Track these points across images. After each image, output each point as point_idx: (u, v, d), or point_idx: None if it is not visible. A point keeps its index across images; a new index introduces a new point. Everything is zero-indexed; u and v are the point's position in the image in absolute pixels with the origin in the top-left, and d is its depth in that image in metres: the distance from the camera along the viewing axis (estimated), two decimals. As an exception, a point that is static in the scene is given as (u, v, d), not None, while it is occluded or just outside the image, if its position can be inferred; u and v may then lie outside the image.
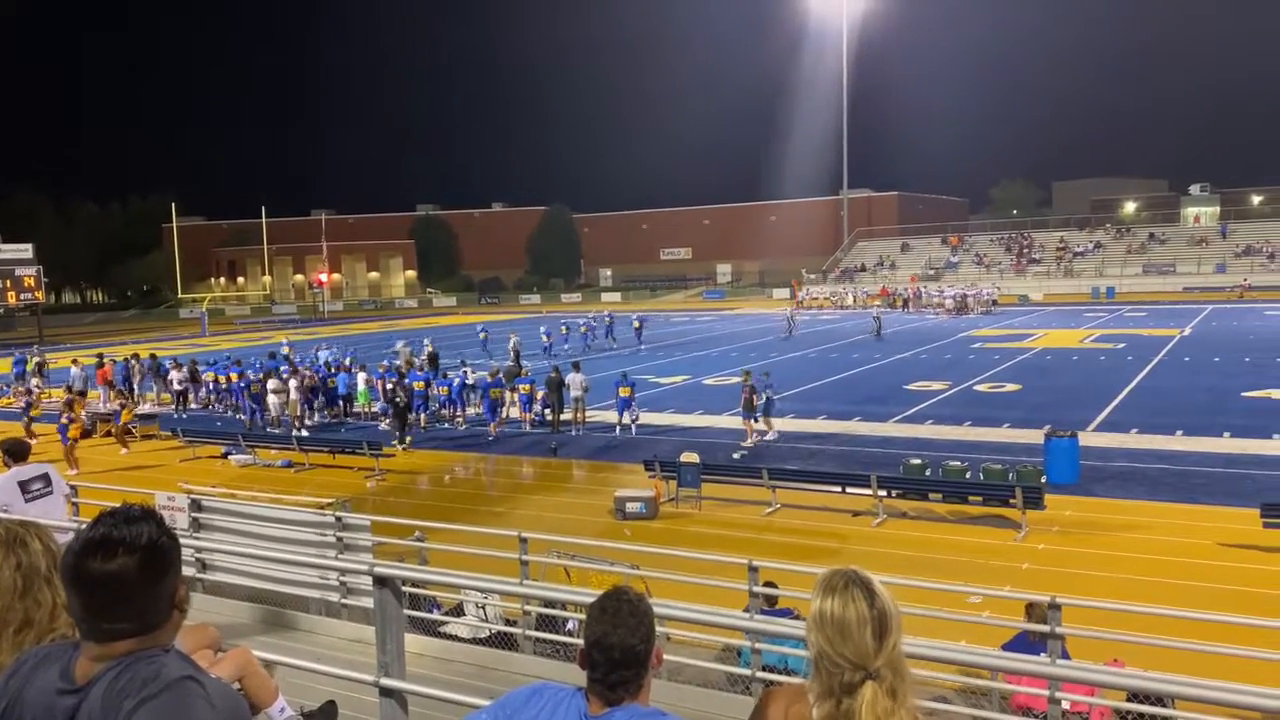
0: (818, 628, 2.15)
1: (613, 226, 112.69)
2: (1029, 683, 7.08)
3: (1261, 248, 67.66)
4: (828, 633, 2.13)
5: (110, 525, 2.06)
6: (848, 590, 2.15)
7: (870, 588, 2.16)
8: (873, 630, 2.11)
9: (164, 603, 2.10)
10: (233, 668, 4.03)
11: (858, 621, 2.11)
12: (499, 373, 25.49)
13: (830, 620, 2.13)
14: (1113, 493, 16.16)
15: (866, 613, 2.12)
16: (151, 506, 2.19)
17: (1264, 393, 24.58)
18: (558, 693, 2.43)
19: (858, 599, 2.14)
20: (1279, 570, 12.37)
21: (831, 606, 2.14)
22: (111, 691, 1.98)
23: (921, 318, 53.99)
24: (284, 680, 5.22)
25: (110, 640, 2.04)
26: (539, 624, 9.08)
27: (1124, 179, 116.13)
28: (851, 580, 2.18)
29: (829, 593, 2.17)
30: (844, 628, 2.11)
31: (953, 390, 27.10)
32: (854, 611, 2.12)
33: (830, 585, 2.18)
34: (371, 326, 63.92)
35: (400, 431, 22.59)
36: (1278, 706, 3.65)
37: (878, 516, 15.30)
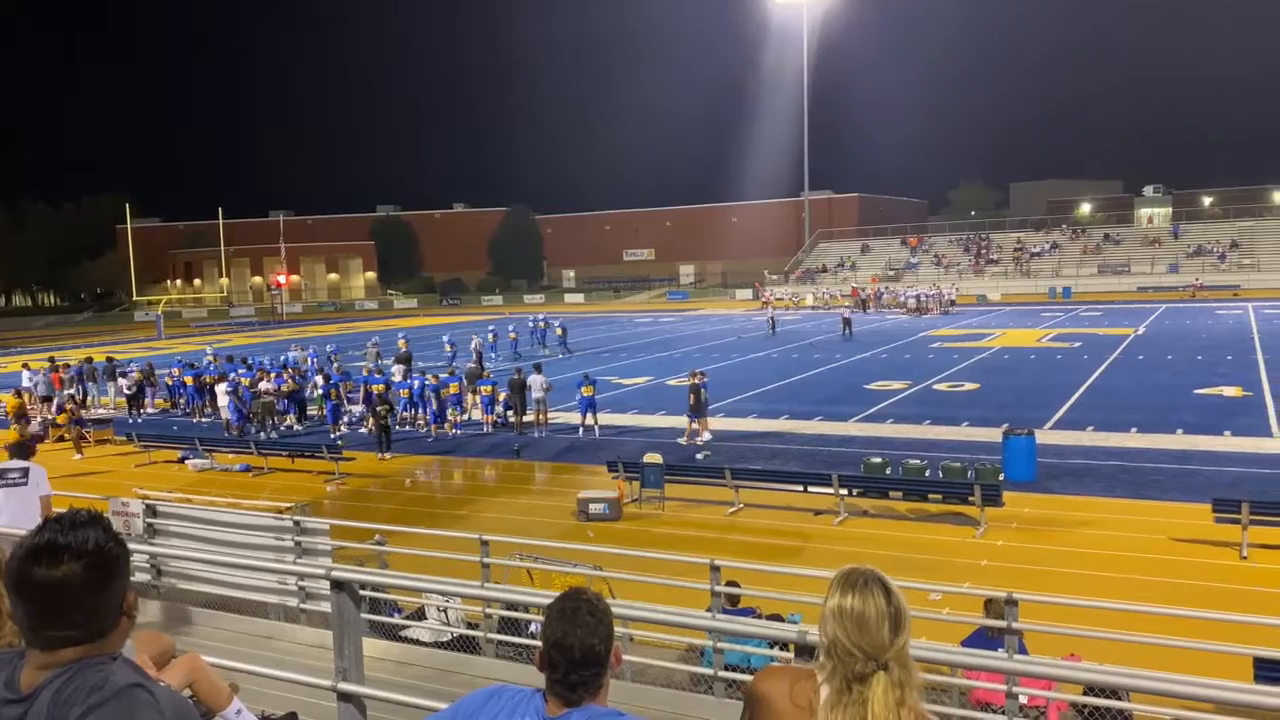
0: (836, 620, 2.26)
1: (575, 227, 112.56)
2: (988, 678, 7.15)
3: (1212, 248, 69.04)
4: (846, 625, 2.24)
5: (56, 531, 2.01)
6: (868, 587, 2.27)
7: (887, 586, 2.29)
8: (890, 625, 2.23)
9: (112, 610, 2.06)
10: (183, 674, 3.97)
11: (877, 616, 2.23)
12: (455, 372, 25.42)
13: (850, 614, 2.24)
14: (1069, 489, 16.40)
15: (885, 608, 2.24)
16: (99, 511, 2.15)
17: (1215, 390, 25.06)
18: (516, 694, 2.42)
19: (876, 595, 2.26)
20: (1230, 564, 12.63)
21: (852, 602, 2.25)
22: (57, 700, 1.94)
23: (882, 318, 54.47)
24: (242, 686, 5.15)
25: (56, 648, 1.99)
26: (501, 627, 9.04)
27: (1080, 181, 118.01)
28: (871, 578, 2.30)
29: (849, 589, 2.28)
30: (863, 622, 2.23)
31: (913, 389, 27.36)
32: (873, 607, 2.24)
33: (850, 582, 2.30)
34: (331, 329, 63.32)
35: (382, 441, 21.88)
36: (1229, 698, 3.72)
37: (839, 515, 15.40)
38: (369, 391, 24.65)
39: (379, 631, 9.21)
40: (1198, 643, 7.89)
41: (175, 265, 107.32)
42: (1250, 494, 14.23)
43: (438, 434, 23.63)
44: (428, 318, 72.92)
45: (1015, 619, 6.86)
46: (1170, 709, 7.70)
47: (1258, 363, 29.60)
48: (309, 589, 8.46)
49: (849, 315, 45.93)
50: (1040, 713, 7.48)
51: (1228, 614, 9.65)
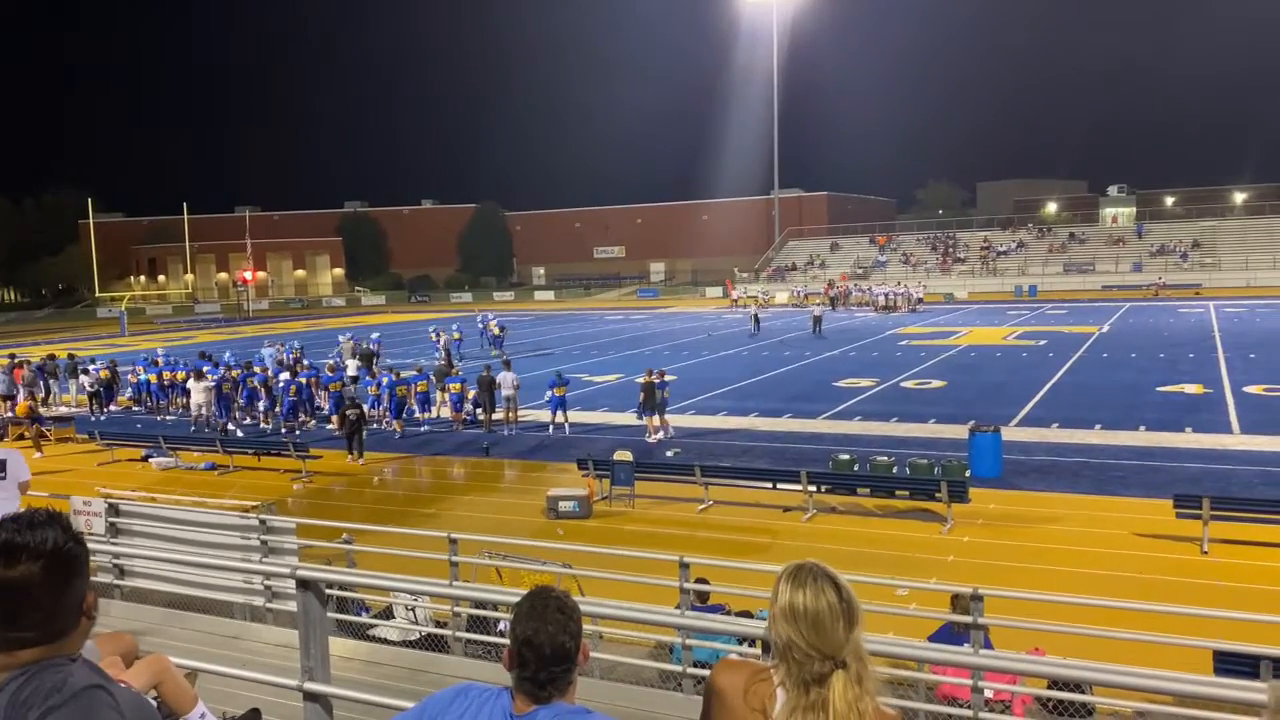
0: (789, 620, 2.19)
1: (545, 224, 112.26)
2: (953, 673, 7.22)
3: (1175, 247, 70.07)
4: (801, 627, 2.17)
5: (13, 530, 1.98)
6: (817, 583, 2.20)
7: (836, 580, 2.22)
8: (844, 622, 2.17)
9: (71, 610, 2.02)
10: (147, 675, 3.91)
11: (830, 614, 2.16)
12: (420, 370, 25.33)
13: (804, 613, 2.17)
14: (1035, 486, 16.58)
15: (837, 605, 2.17)
16: (58, 511, 2.12)
17: (1177, 387, 25.44)
18: (483, 693, 2.41)
19: (827, 591, 2.18)
20: (1191, 559, 12.83)
21: (804, 600, 2.18)
22: (15, 702, 1.91)
23: (851, 315, 54.79)
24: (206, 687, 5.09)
25: (14, 649, 1.96)
26: (470, 625, 9.01)
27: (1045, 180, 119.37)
28: (818, 573, 2.22)
29: (799, 586, 2.21)
30: (817, 620, 2.16)
31: (880, 387, 27.55)
32: (825, 603, 2.17)
33: (799, 579, 2.22)
34: (298, 325, 62.78)
35: (353, 444, 21.06)
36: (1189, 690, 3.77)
37: (808, 511, 15.48)
38: (332, 391, 24.48)
39: (347, 631, 9.15)
40: (1159, 636, 8.02)
41: (139, 261, 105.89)
42: (1211, 490, 14.48)
43: (402, 430, 23.54)
44: (396, 315, 72.47)
45: (981, 614, 6.93)
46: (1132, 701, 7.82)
47: (1218, 360, 30.08)
48: (275, 588, 8.39)
49: (819, 313, 46.19)
50: (1005, 706, 7.56)
51: (1189, 608, 9.80)
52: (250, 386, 25.70)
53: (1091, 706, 7.51)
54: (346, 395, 22.52)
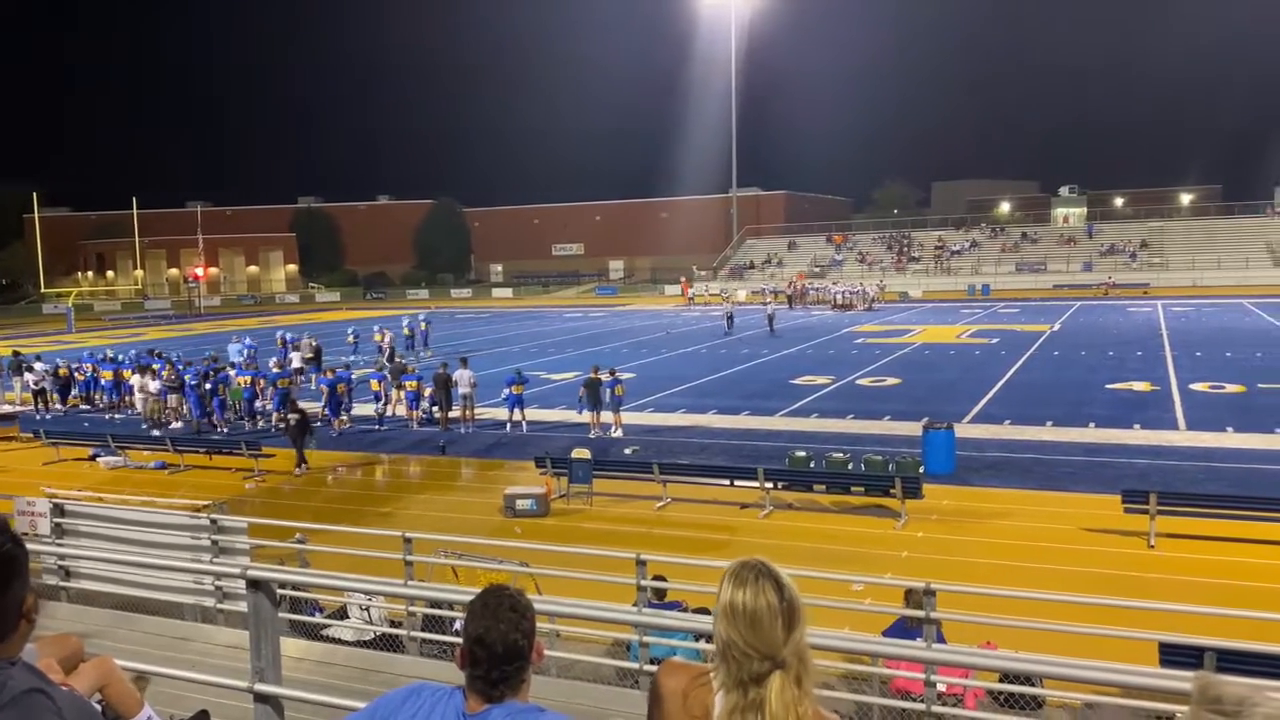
0: (728, 619, 2.15)
1: (503, 221, 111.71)
2: (907, 667, 7.30)
3: (1124, 247, 71.39)
4: (739, 626, 2.13)
5: (-51, 532, 1.93)
6: (758, 582, 2.16)
7: (779, 579, 2.18)
8: (783, 622, 2.13)
9: (10, 613, 1.98)
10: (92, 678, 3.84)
11: (769, 613, 2.12)
12: (347, 367, 25.19)
13: (742, 612, 2.13)
14: (987, 482, 16.81)
15: (777, 604, 2.13)
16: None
17: (1126, 385, 25.93)
18: (435, 692, 2.39)
19: (768, 590, 2.15)
20: (1139, 553, 13.08)
21: (743, 598, 2.14)
22: (-49, 707, 1.86)
23: (808, 314, 55.16)
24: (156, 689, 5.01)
25: (-50, 653, 1.91)
26: (425, 625, 8.94)
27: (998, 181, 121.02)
28: (761, 572, 2.18)
29: (740, 585, 2.17)
30: (756, 619, 2.12)
31: (837, 384, 27.77)
32: (765, 602, 2.13)
33: (740, 577, 2.18)
34: (251, 323, 61.87)
35: (299, 451, 19.97)
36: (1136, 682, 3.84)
37: (765, 508, 15.56)
38: (278, 389, 24.16)
39: (300, 631, 9.05)
40: (1107, 629, 8.16)
41: (86, 256, 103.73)
42: (1158, 485, 14.77)
43: (340, 428, 23.34)
44: (351, 311, 71.70)
45: (933, 609, 7.01)
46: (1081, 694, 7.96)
47: (1165, 358, 30.70)
48: (226, 589, 8.27)
49: (772, 311, 46.51)
50: (958, 700, 7.66)
51: (1136, 601, 10.00)
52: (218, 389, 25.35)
53: (1041, 699, 7.64)
54: (294, 406, 21.82)
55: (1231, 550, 12.89)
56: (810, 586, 10.05)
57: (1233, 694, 1.31)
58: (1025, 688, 7.29)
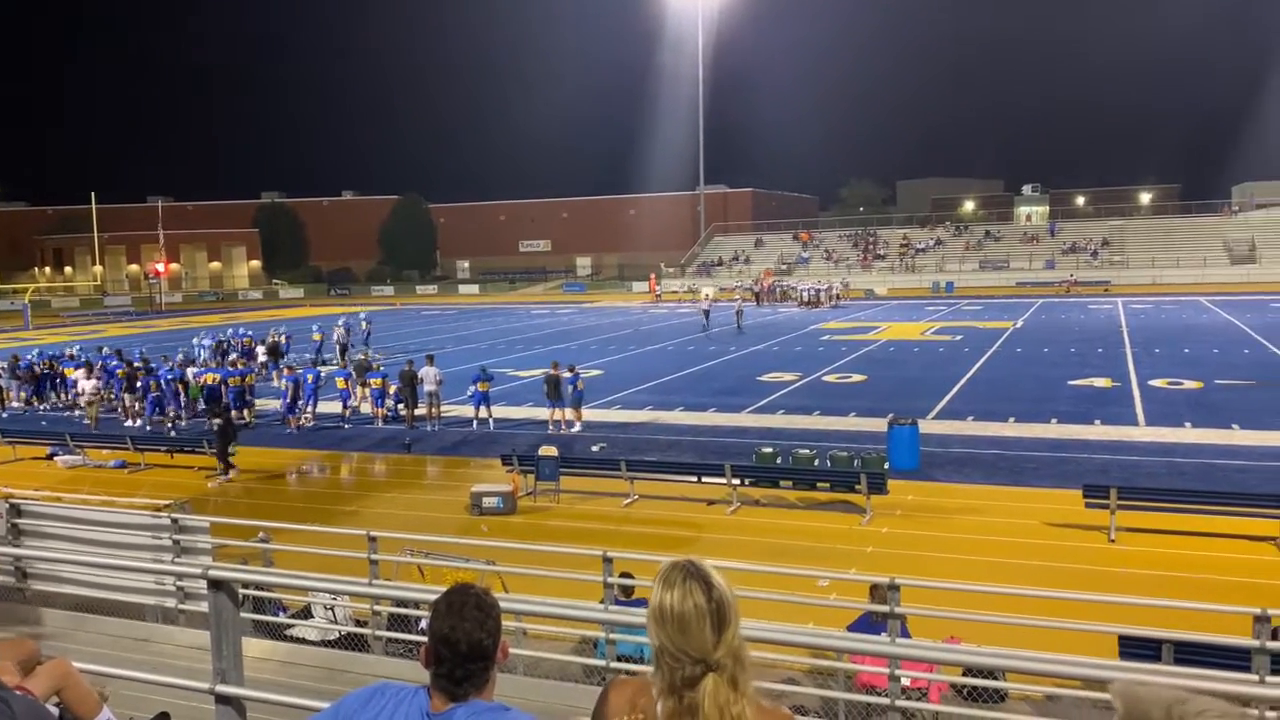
0: (658, 623, 2.12)
1: (469, 217, 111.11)
2: (872, 662, 7.35)
3: (1086, 245, 72.36)
4: (668, 629, 2.10)
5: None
6: (685, 584, 2.12)
7: (708, 579, 2.13)
8: (711, 623, 2.09)
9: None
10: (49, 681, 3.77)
11: (696, 615, 2.09)
12: (316, 364, 25.02)
13: (670, 615, 2.10)
14: (951, 477, 16.98)
15: (705, 605, 2.09)
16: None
17: (1087, 381, 26.27)
18: (399, 691, 2.37)
19: (695, 592, 2.11)
20: (1099, 547, 13.27)
21: (671, 600, 2.11)
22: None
23: (775, 311, 55.39)
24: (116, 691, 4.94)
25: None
26: (391, 624, 8.88)
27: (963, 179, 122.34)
28: (689, 573, 2.14)
29: (667, 587, 2.14)
30: (683, 622, 2.09)
31: (803, 381, 27.91)
32: (692, 605, 2.09)
33: (668, 580, 2.15)
34: (214, 319, 61.14)
35: (222, 459, 19.00)
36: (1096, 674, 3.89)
37: (732, 504, 15.61)
38: (206, 385, 23.92)
39: (264, 631, 8.95)
40: (1069, 623, 8.27)
41: (44, 252, 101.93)
42: (1118, 480, 14.99)
43: (294, 426, 23.14)
44: (315, 308, 71.04)
45: (897, 604, 7.06)
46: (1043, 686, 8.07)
47: (1126, 355, 31.15)
48: (188, 589, 8.16)
49: (740, 308, 46.69)
50: (922, 694, 7.72)
51: (1096, 595, 10.15)
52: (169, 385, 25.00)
53: (1004, 692, 7.72)
54: (219, 409, 21.14)
55: (1189, 544, 13.11)
56: (776, 582, 10.10)
57: (1159, 706, 1.29)
58: (988, 681, 7.36)
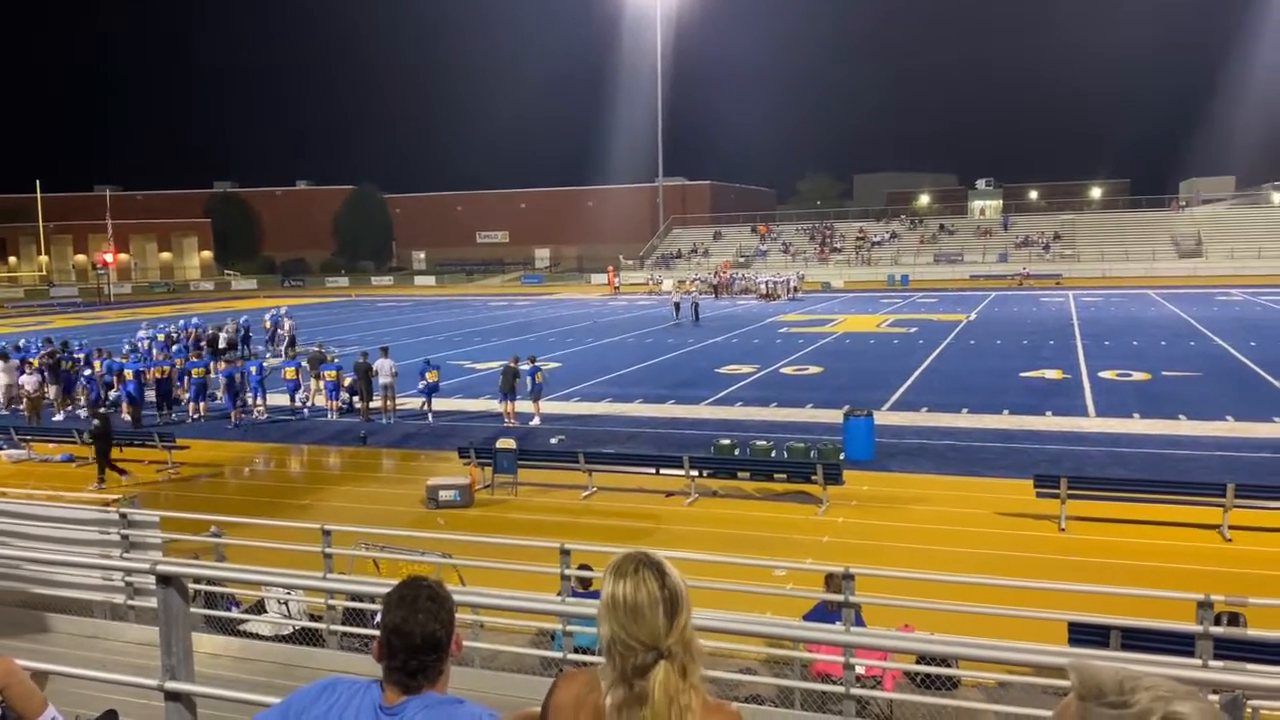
0: (610, 613, 2.13)
1: (426, 208, 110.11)
2: (827, 650, 7.42)
3: (1038, 239, 73.44)
4: (620, 618, 2.11)
5: None
6: (639, 573, 2.13)
7: (661, 568, 2.15)
8: (665, 610, 2.10)
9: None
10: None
11: (650, 603, 2.10)
12: (249, 359, 24.74)
13: (623, 604, 2.11)
14: (905, 468, 17.17)
15: (658, 593, 2.11)
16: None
17: (1038, 373, 26.69)
18: (351, 685, 2.35)
19: (649, 580, 2.12)
20: (1050, 536, 13.50)
21: (624, 590, 2.12)
22: None
23: (734, 303, 55.60)
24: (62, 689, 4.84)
25: None
26: (345, 618, 8.81)
27: (918, 173, 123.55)
28: (642, 563, 2.16)
29: (620, 577, 2.14)
30: (637, 610, 2.10)
31: (761, 373, 28.06)
32: (645, 593, 2.10)
33: (621, 570, 2.16)
34: (165, 310, 60.10)
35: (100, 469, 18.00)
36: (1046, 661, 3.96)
37: (690, 496, 15.67)
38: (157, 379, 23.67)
39: (216, 627, 8.84)
40: (1020, 610, 8.41)
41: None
42: (1068, 470, 15.26)
43: (235, 420, 22.86)
44: (269, 299, 70.12)
45: (852, 593, 7.13)
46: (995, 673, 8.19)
47: (1076, 347, 31.69)
48: (137, 585, 8.03)
49: (698, 300, 46.79)
50: (876, 682, 7.81)
51: (1046, 583, 10.32)
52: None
53: (957, 680, 7.84)
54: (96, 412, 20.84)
55: (1137, 532, 13.38)
56: (733, 573, 10.15)
57: (1112, 681, 1.31)
58: (941, 669, 7.47)
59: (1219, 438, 18.59)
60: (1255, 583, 11.00)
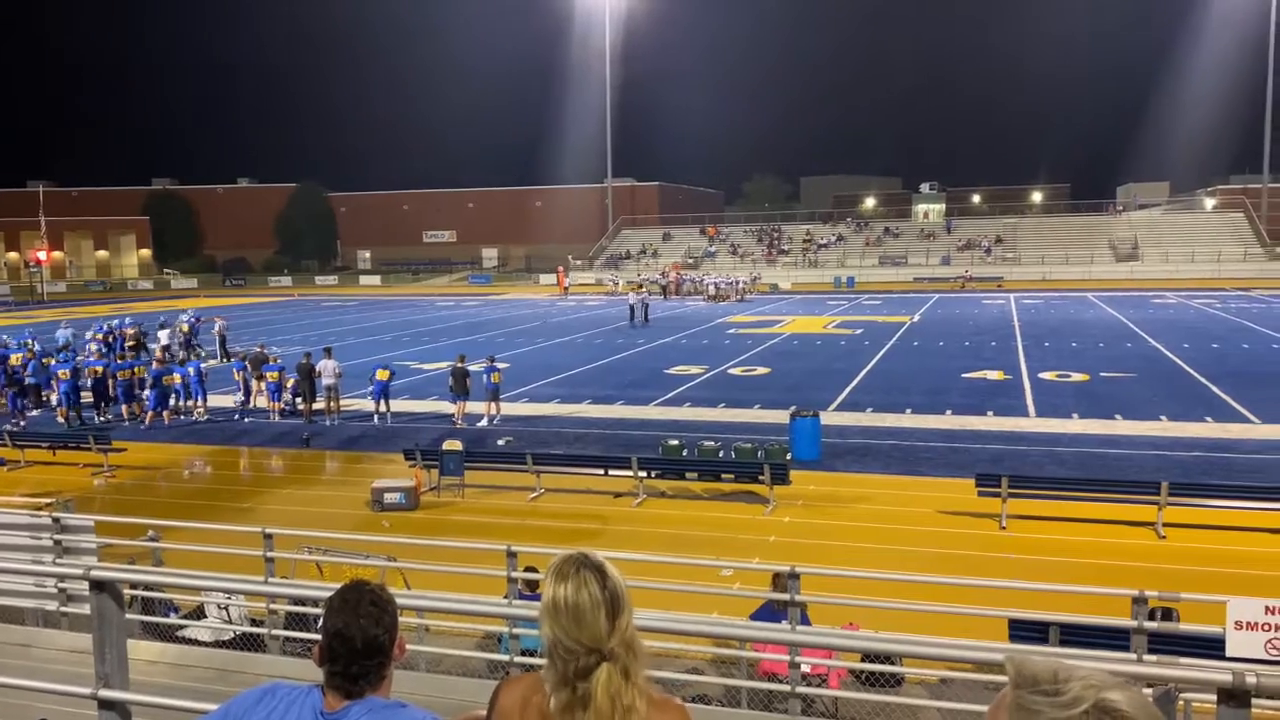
0: (551, 616, 2.13)
1: (371, 206, 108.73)
2: (773, 649, 7.46)
3: (980, 242, 74.71)
4: (562, 621, 2.11)
5: None
6: (580, 574, 2.13)
7: (601, 569, 2.15)
8: (606, 612, 2.10)
9: None
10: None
11: (591, 605, 2.10)
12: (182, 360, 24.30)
13: (564, 607, 2.11)
14: (850, 467, 17.35)
15: (599, 595, 2.11)
16: None
17: (980, 374, 27.15)
18: (291, 691, 2.31)
19: (590, 582, 2.12)
20: (991, 534, 13.73)
21: (565, 592, 2.12)
22: None
23: (683, 304, 55.76)
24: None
25: None
26: (288, 623, 8.67)
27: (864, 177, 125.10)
28: (583, 564, 2.15)
29: (561, 580, 2.14)
30: (578, 613, 2.10)
31: (709, 374, 28.18)
32: (587, 595, 2.10)
33: (561, 572, 2.15)
34: (101, 310, 58.69)
35: None
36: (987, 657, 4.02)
37: (638, 497, 15.68)
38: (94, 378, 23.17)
39: (153, 633, 8.65)
40: (962, 608, 8.53)
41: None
42: (1009, 470, 15.54)
43: (165, 420, 22.39)
44: (209, 299, 68.83)
45: (798, 592, 7.18)
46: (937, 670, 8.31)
47: (1017, 348, 32.29)
48: (70, 591, 7.82)
49: (647, 301, 46.82)
50: (822, 680, 7.87)
51: (988, 580, 10.50)
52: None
53: (901, 677, 7.93)
54: None
55: (1075, 530, 13.67)
56: (681, 573, 10.18)
57: (1046, 671, 1.37)
58: (886, 666, 7.56)
59: (1153, 437, 19.05)
60: (1188, 579, 11.31)
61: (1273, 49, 67.60)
